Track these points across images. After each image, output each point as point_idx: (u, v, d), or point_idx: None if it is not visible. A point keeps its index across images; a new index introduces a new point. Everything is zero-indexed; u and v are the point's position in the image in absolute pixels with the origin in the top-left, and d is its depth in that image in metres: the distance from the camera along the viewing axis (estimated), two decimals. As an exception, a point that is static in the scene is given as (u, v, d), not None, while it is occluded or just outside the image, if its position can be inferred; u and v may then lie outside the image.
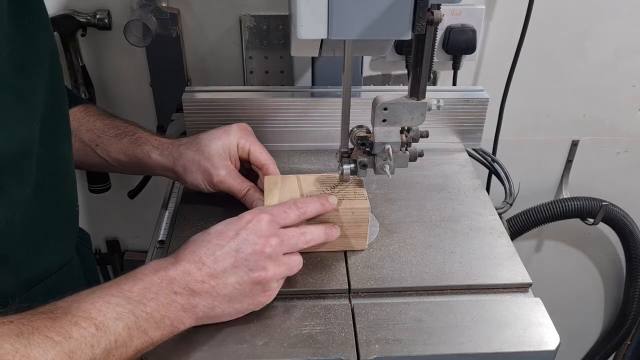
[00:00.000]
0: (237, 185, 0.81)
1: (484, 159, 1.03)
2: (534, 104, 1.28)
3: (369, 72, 1.21)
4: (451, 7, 1.12)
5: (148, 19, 1.06)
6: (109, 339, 0.54)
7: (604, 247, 1.53)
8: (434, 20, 0.59)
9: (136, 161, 0.84)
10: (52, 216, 0.71)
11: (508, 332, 0.65)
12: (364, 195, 0.76)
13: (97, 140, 0.85)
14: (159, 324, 0.59)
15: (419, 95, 0.68)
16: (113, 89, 1.20)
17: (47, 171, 0.67)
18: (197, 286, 0.61)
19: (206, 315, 0.62)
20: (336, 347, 0.63)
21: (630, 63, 1.24)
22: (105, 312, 0.55)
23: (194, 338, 0.64)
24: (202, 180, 0.81)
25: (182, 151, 0.82)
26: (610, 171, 1.39)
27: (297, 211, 0.69)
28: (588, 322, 1.67)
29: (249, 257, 0.63)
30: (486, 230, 0.82)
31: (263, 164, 0.82)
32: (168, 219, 0.87)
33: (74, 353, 0.52)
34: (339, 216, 0.74)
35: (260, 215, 0.65)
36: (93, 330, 0.54)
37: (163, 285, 0.60)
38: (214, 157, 0.81)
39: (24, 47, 0.61)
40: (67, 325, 0.53)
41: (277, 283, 0.66)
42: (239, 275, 0.62)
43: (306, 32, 0.58)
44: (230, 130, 0.83)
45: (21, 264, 0.66)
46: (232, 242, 0.63)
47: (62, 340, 0.52)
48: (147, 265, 0.62)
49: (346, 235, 0.75)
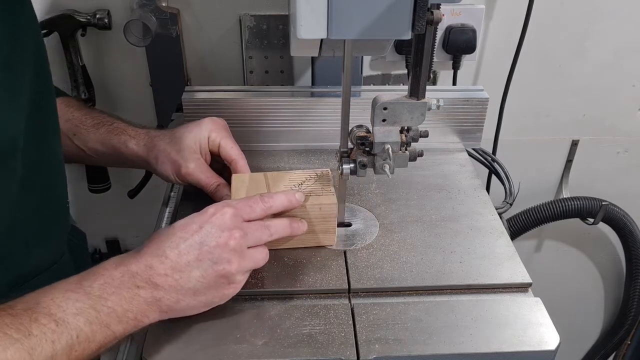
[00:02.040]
0: (205, 179, 0.81)
1: (484, 159, 1.03)
2: (534, 104, 1.28)
3: (369, 71, 1.21)
4: (451, 7, 1.12)
5: (148, 18, 1.06)
6: (70, 335, 0.54)
7: (604, 247, 1.53)
8: (433, 20, 0.59)
9: (113, 150, 0.84)
10: (41, 213, 0.71)
11: (508, 331, 0.65)
12: (331, 191, 0.76)
13: (74, 129, 0.85)
14: (121, 318, 0.58)
15: (419, 95, 0.68)
16: (113, 89, 1.20)
17: (35, 168, 0.68)
18: (160, 280, 0.60)
19: (170, 308, 0.62)
20: (336, 347, 0.63)
21: (630, 63, 1.24)
22: (64, 307, 0.55)
23: (194, 338, 0.64)
24: (171, 171, 0.82)
25: (156, 142, 0.83)
26: (610, 171, 1.39)
27: (263, 205, 0.68)
28: (588, 322, 1.67)
29: (212, 250, 0.62)
30: (486, 230, 0.82)
31: (233, 158, 0.83)
32: (168, 218, 0.87)
33: (34, 349, 0.52)
34: (307, 212, 0.74)
35: (225, 209, 0.65)
36: (53, 326, 0.54)
37: (125, 279, 0.59)
38: (185, 150, 0.81)
39: (7, 44, 0.61)
40: (27, 321, 0.53)
41: (242, 276, 0.65)
42: (203, 269, 0.62)
43: (306, 31, 0.58)
44: (202, 124, 0.83)
45: (10, 260, 0.66)
46: (196, 235, 0.62)
47: (22, 337, 0.52)
48: (109, 261, 0.62)
49: (315, 230, 0.76)
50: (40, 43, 0.70)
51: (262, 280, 0.72)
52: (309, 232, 0.75)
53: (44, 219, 0.72)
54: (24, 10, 0.66)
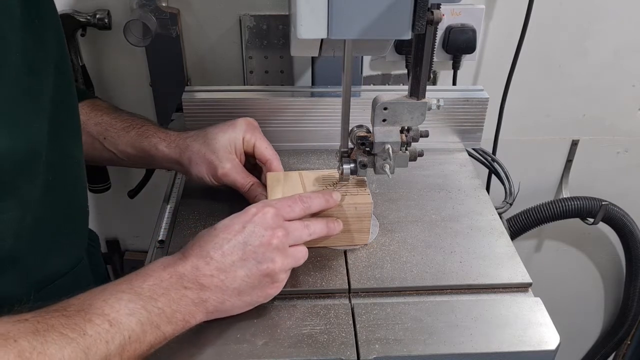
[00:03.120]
0: (241, 179, 0.81)
1: (484, 159, 1.03)
2: (534, 104, 1.28)
3: (369, 71, 1.21)
4: (451, 7, 1.12)
5: (148, 18, 1.06)
6: (123, 335, 0.55)
7: (604, 247, 1.53)
8: (433, 19, 0.59)
9: (144, 153, 0.84)
10: (62, 217, 0.71)
11: (508, 331, 0.65)
12: (366, 191, 0.76)
13: (104, 133, 0.85)
14: (170, 318, 0.59)
15: (419, 95, 0.68)
16: (113, 89, 1.20)
17: (57, 172, 0.67)
18: (207, 280, 0.61)
19: (216, 309, 0.62)
20: (336, 347, 0.63)
21: (630, 63, 1.24)
22: (117, 308, 0.56)
23: (194, 338, 0.64)
24: (206, 172, 0.82)
25: (189, 143, 0.83)
26: (610, 171, 1.39)
27: (302, 205, 0.69)
28: (588, 322, 1.67)
29: (256, 249, 0.63)
30: (486, 230, 0.82)
31: (267, 159, 0.83)
32: (168, 218, 0.87)
33: (89, 349, 0.52)
34: (343, 211, 0.75)
35: (266, 209, 0.66)
36: (107, 326, 0.54)
37: (173, 280, 0.60)
38: (220, 150, 0.81)
39: (33, 47, 0.61)
40: (81, 322, 0.53)
41: (285, 274, 0.66)
42: (248, 268, 0.63)
43: (306, 31, 0.58)
44: (237, 124, 0.83)
45: (32, 265, 0.66)
46: (239, 236, 0.63)
47: (78, 337, 0.52)
48: (156, 262, 0.63)
49: (349, 230, 0.76)
50: (62, 39, 0.69)
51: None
52: (344, 231, 0.75)
53: (65, 223, 0.72)
54: (46, 9, 0.66)
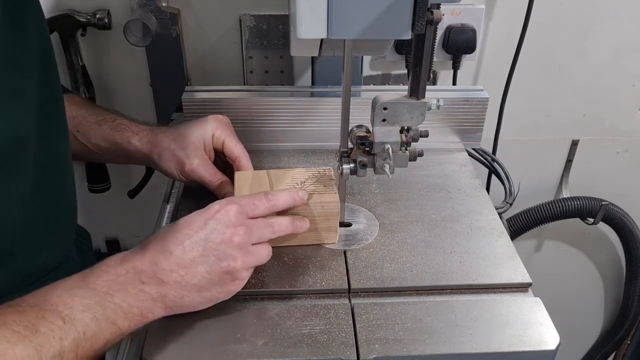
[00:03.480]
0: (209, 175, 0.82)
1: (483, 159, 1.03)
2: (534, 104, 1.28)
3: (369, 71, 1.21)
4: (451, 7, 1.12)
5: (148, 18, 1.06)
6: (77, 331, 0.55)
7: (604, 246, 1.53)
8: (433, 19, 0.59)
9: (116, 147, 0.85)
10: (50, 213, 0.71)
11: (508, 331, 0.65)
12: (333, 190, 0.76)
13: (78, 126, 0.85)
14: (127, 314, 0.59)
15: (419, 95, 0.68)
16: (113, 89, 1.20)
17: (45, 168, 0.68)
18: (166, 276, 0.61)
19: (175, 304, 0.62)
20: (336, 347, 0.63)
21: (630, 63, 1.24)
22: (71, 304, 0.55)
23: (194, 338, 0.64)
24: (175, 168, 0.82)
25: (160, 139, 0.83)
26: (610, 171, 1.39)
27: (267, 203, 0.69)
28: (588, 322, 1.67)
29: (217, 246, 0.63)
30: (486, 230, 0.82)
31: (236, 156, 0.83)
32: (168, 218, 0.87)
33: (41, 346, 0.52)
34: (310, 210, 0.74)
35: (229, 206, 0.65)
36: (60, 323, 0.54)
37: (130, 275, 0.60)
38: (189, 147, 0.82)
39: (14, 42, 0.61)
40: (34, 319, 0.53)
41: (247, 272, 0.66)
42: (208, 265, 0.62)
43: (306, 31, 0.58)
44: (207, 121, 0.84)
45: (19, 260, 0.66)
46: (201, 232, 0.63)
47: (30, 334, 0.52)
48: (112, 257, 0.62)
49: (317, 228, 0.76)
50: (46, 38, 0.69)
51: (262, 280, 0.72)
52: (311, 230, 0.75)
53: (53, 218, 0.72)
54: (29, 4, 0.66)
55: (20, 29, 0.63)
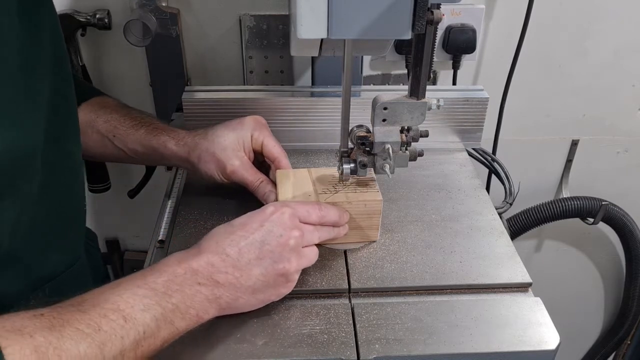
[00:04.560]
0: (250, 176, 0.82)
1: (483, 159, 1.03)
2: (534, 104, 1.28)
3: (369, 71, 1.21)
4: (451, 7, 1.12)
5: (148, 18, 1.06)
6: (138, 330, 0.55)
7: (604, 246, 1.53)
8: (433, 19, 0.59)
9: (152, 151, 0.84)
10: (60, 216, 0.71)
11: (508, 331, 0.65)
12: (375, 188, 0.77)
13: (114, 131, 0.85)
14: (184, 314, 0.59)
15: (419, 95, 0.68)
16: (113, 89, 1.20)
17: (55, 171, 0.67)
18: (221, 277, 0.61)
19: (229, 305, 0.63)
20: (336, 347, 0.63)
21: (630, 63, 1.24)
22: (132, 304, 0.56)
23: (194, 337, 0.64)
24: (215, 170, 0.82)
25: (198, 141, 0.83)
26: (610, 171, 1.39)
27: (319, 212, 0.70)
28: (588, 322, 1.67)
29: (274, 249, 0.63)
30: (486, 229, 0.82)
31: (275, 157, 0.83)
32: (168, 218, 0.87)
33: (104, 345, 0.52)
34: (352, 208, 0.75)
35: (284, 209, 0.66)
36: (122, 322, 0.54)
37: (187, 276, 0.60)
38: (228, 148, 0.81)
39: (29, 46, 0.61)
40: (97, 317, 0.53)
41: (298, 274, 0.67)
42: (264, 267, 0.63)
43: (306, 31, 0.58)
44: (245, 122, 0.84)
45: (30, 263, 0.66)
46: (257, 234, 0.64)
47: (93, 333, 0.52)
48: (171, 257, 0.63)
49: (359, 227, 0.77)
50: (59, 38, 0.69)
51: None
52: (353, 228, 0.76)
53: (63, 221, 0.72)
54: (44, 5, 0.65)
55: (36, 33, 0.62)
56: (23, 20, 0.60)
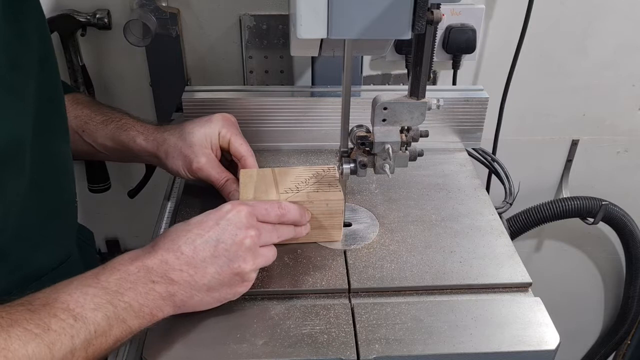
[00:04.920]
0: (216, 174, 0.82)
1: (483, 159, 1.03)
2: (534, 104, 1.28)
3: (369, 71, 1.21)
4: (451, 7, 1.12)
5: (148, 18, 1.06)
6: (88, 330, 0.55)
7: (604, 246, 1.53)
8: (433, 19, 0.59)
9: (122, 146, 0.85)
10: (49, 212, 0.71)
11: (508, 331, 0.65)
12: (337, 187, 0.77)
13: (83, 126, 0.85)
14: (137, 313, 0.59)
15: (419, 95, 0.68)
16: (113, 89, 1.20)
17: (43, 167, 0.68)
18: (175, 275, 0.61)
19: (184, 303, 0.62)
20: (336, 347, 0.63)
21: (630, 62, 1.24)
22: (82, 303, 0.56)
23: (194, 338, 0.64)
24: (182, 166, 0.83)
25: (166, 137, 0.84)
26: (610, 171, 1.39)
27: (279, 211, 0.70)
28: (588, 321, 1.67)
29: (229, 247, 0.63)
30: (486, 229, 0.82)
31: (242, 155, 0.84)
32: (168, 218, 0.87)
33: (53, 344, 0.52)
34: (314, 207, 0.75)
35: (240, 207, 0.66)
36: (72, 321, 0.54)
37: (140, 274, 0.60)
38: (195, 145, 0.82)
39: (15, 42, 0.61)
40: (46, 317, 0.53)
41: (255, 273, 0.66)
42: (219, 265, 0.63)
43: (306, 31, 0.58)
44: (213, 119, 0.84)
45: (19, 260, 0.66)
46: (212, 232, 0.63)
47: (42, 333, 0.52)
48: (124, 255, 0.62)
49: (321, 226, 0.77)
50: (46, 36, 0.69)
51: (262, 280, 0.71)
52: (316, 227, 0.76)
53: (52, 218, 0.72)
54: (32, 6, 0.66)
55: (21, 29, 0.63)
56: (8, 18, 0.60)
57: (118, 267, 0.60)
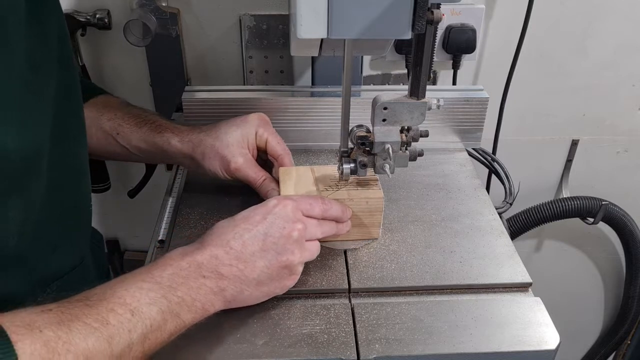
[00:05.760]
0: (254, 174, 0.82)
1: (483, 159, 1.03)
2: (534, 104, 1.28)
3: (369, 71, 1.21)
4: (451, 7, 1.12)
5: (148, 18, 1.06)
6: (145, 324, 0.56)
7: (604, 246, 1.53)
8: (433, 19, 0.59)
9: (156, 148, 0.84)
10: (67, 216, 0.71)
11: (508, 331, 0.65)
12: (377, 186, 0.77)
13: (118, 128, 0.85)
14: (190, 307, 0.60)
15: (419, 95, 0.68)
16: (113, 89, 1.20)
17: (61, 170, 0.67)
18: (225, 270, 0.62)
19: (234, 298, 0.63)
20: (336, 347, 0.63)
21: (630, 62, 1.24)
22: (139, 297, 0.56)
23: (194, 337, 0.64)
24: (219, 167, 0.82)
25: (202, 138, 0.83)
26: (610, 171, 1.39)
27: (322, 206, 0.70)
28: (588, 321, 1.67)
29: (277, 240, 0.64)
30: (486, 229, 0.82)
31: (279, 154, 0.84)
32: (168, 218, 0.87)
33: (112, 338, 0.53)
34: (354, 205, 0.75)
35: (286, 201, 0.67)
36: (129, 315, 0.55)
37: (191, 269, 0.61)
38: (233, 145, 0.81)
39: (36, 44, 0.61)
40: (104, 311, 0.54)
41: (301, 267, 0.67)
42: (267, 259, 0.63)
43: (306, 31, 0.58)
44: (249, 119, 0.84)
45: (36, 263, 0.66)
46: (260, 226, 0.64)
47: (101, 327, 0.53)
48: (175, 251, 0.63)
49: (361, 224, 0.77)
50: (65, 36, 0.69)
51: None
52: (355, 225, 0.76)
53: (69, 221, 0.72)
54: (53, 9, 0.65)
55: (42, 30, 0.62)
56: (31, 20, 0.60)
57: (170, 262, 0.61)
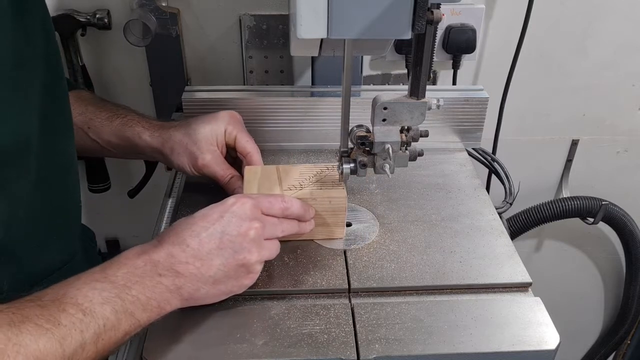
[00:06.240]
0: (221, 170, 0.82)
1: (483, 159, 1.03)
2: (534, 104, 1.28)
3: (369, 71, 1.21)
4: (451, 7, 1.12)
5: (148, 18, 1.06)
6: (98, 324, 0.55)
7: (604, 246, 1.53)
8: (433, 19, 0.59)
9: (127, 143, 0.85)
10: (55, 212, 0.71)
11: (508, 331, 0.65)
12: (341, 185, 0.77)
13: (89, 123, 0.86)
14: (145, 306, 0.59)
15: (419, 95, 0.68)
16: (113, 89, 1.20)
17: (49, 166, 0.68)
18: (182, 268, 0.61)
19: (191, 296, 0.63)
20: (336, 347, 0.63)
21: (630, 62, 1.24)
22: (91, 297, 0.56)
23: (194, 338, 0.64)
24: (187, 162, 0.83)
25: (171, 133, 0.84)
26: (610, 171, 1.39)
27: (282, 205, 0.70)
28: (588, 321, 1.67)
29: (234, 239, 0.63)
30: (486, 229, 0.82)
31: (248, 152, 0.84)
32: (168, 218, 0.87)
33: (64, 339, 0.53)
34: (317, 204, 0.75)
35: (244, 199, 0.66)
36: (81, 316, 0.54)
37: (147, 268, 0.60)
38: (201, 141, 0.82)
39: (21, 40, 0.61)
40: (56, 312, 0.54)
41: (260, 265, 0.67)
42: (224, 257, 0.63)
43: (306, 31, 0.58)
44: (219, 116, 0.85)
45: (24, 259, 0.67)
46: (217, 224, 0.64)
47: (52, 327, 0.52)
48: (131, 250, 0.63)
49: (325, 223, 0.77)
50: (51, 34, 0.69)
51: (262, 280, 0.71)
52: (319, 224, 0.76)
53: (57, 217, 0.72)
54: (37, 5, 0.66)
55: (26, 27, 0.63)
56: (14, 15, 0.60)
57: (125, 261, 0.61)
